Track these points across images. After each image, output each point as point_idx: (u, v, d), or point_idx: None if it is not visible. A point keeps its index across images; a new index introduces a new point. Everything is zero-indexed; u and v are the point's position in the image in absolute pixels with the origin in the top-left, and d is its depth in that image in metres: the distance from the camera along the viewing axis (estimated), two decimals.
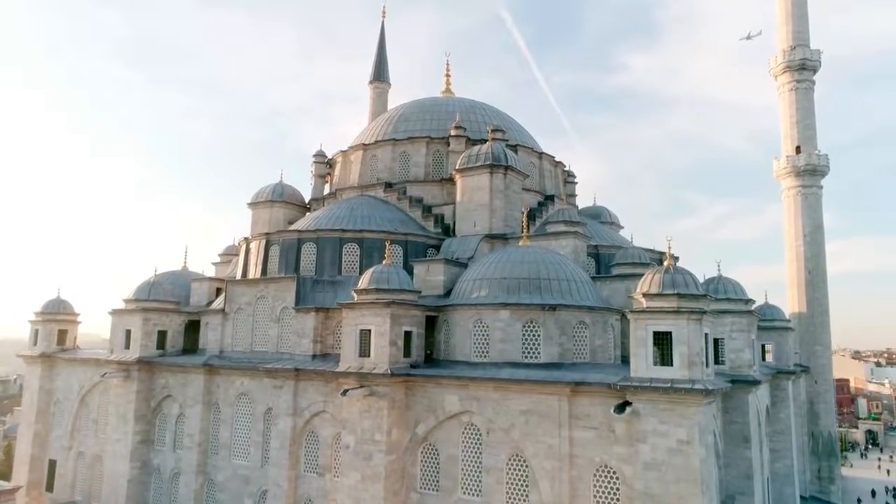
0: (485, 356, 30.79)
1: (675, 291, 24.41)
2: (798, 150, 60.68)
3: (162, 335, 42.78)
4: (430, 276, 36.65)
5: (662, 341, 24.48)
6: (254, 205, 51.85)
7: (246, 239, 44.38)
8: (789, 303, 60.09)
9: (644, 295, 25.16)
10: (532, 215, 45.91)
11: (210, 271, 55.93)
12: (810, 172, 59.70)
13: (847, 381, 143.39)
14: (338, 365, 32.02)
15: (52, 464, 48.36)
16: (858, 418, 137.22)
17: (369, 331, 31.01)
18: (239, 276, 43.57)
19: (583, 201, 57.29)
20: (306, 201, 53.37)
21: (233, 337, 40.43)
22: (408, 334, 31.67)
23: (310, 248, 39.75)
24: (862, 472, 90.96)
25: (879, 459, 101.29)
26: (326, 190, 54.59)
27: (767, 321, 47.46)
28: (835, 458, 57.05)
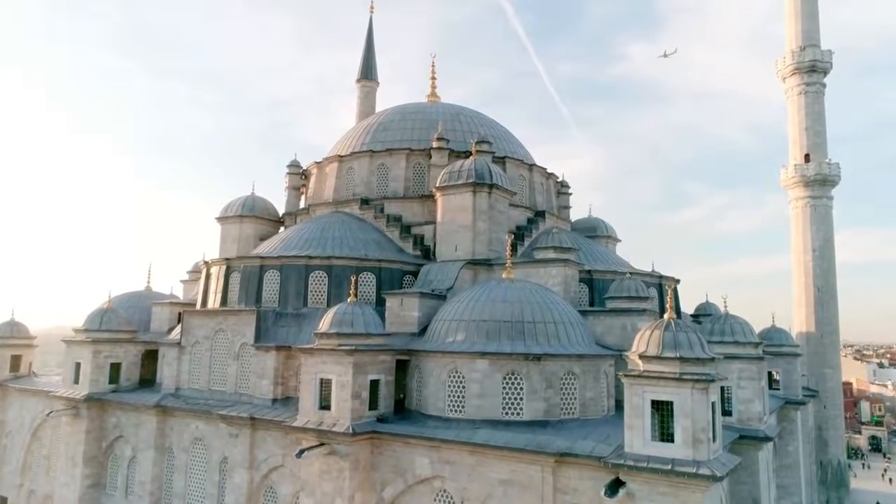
0: (460, 411, 27.10)
1: (678, 354, 20.70)
2: (807, 158, 56.84)
3: (115, 368, 39.13)
4: (405, 310, 32.93)
5: (662, 411, 20.83)
6: (222, 219, 48.18)
7: (206, 263, 40.59)
8: (796, 322, 56.51)
9: (641, 357, 21.45)
10: (521, 235, 42.23)
11: (178, 290, 52.29)
12: (820, 183, 55.89)
13: (850, 383, 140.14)
14: (298, 414, 28.40)
15: (3, 501, 44.87)
16: (861, 423, 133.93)
17: (330, 380, 27.37)
18: (199, 304, 39.82)
19: (577, 212, 53.57)
20: (280, 214, 49.64)
21: (190, 373, 36.73)
22: (374, 383, 28.00)
23: (273, 277, 35.97)
24: (866, 482, 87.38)
25: (886, 471, 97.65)
26: (303, 203, 50.79)
27: (775, 346, 44.09)
28: (844, 488, 53.66)
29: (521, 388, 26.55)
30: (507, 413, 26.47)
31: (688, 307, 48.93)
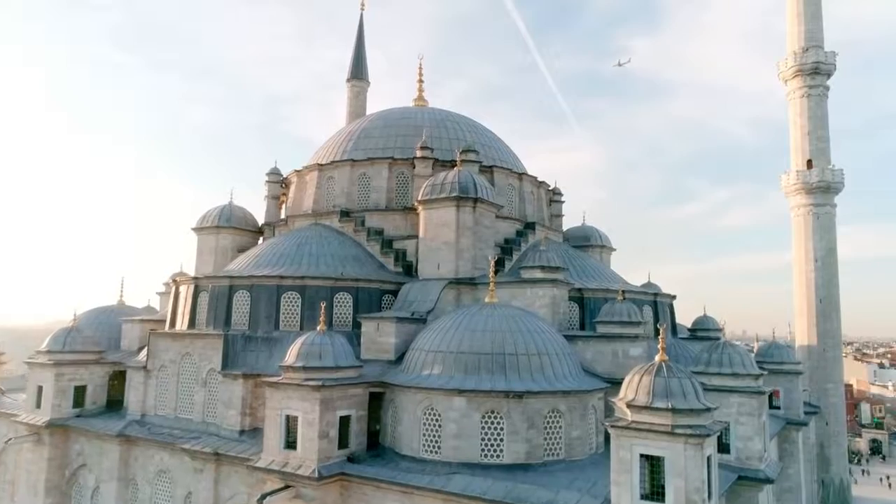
0: (436, 452, 25.02)
1: (670, 405, 18.62)
2: (809, 164, 54.66)
3: (80, 391, 37.10)
4: (381, 336, 30.84)
5: (653, 465, 18.78)
6: (199, 230, 45.92)
7: (175, 281, 38.46)
8: (798, 333, 54.49)
9: (629, 405, 19.37)
10: (509, 249, 40.09)
11: (155, 302, 50.17)
12: (823, 190, 53.72)
13: (850, 385, 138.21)
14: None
15: None
16: (862, 425, 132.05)
17: (297, 417, 25.30)
18: (167, 324, 37.70)
19: (571, 220, 51.46)
20: (261, 224, 47.43)
21: (156, 399, 34.66)
22: (345, 420, 25.93)
23: (243, 298, 33.82)
24: (867, 489, 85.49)
25: (888, 478, 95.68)
26: (284, 212, 48.58)
27: (775, 363, 42.06)
28: None
29: (502, 429, 24.47)
30: (485, 455, 24.40)
31: (687, 309, 46.98)
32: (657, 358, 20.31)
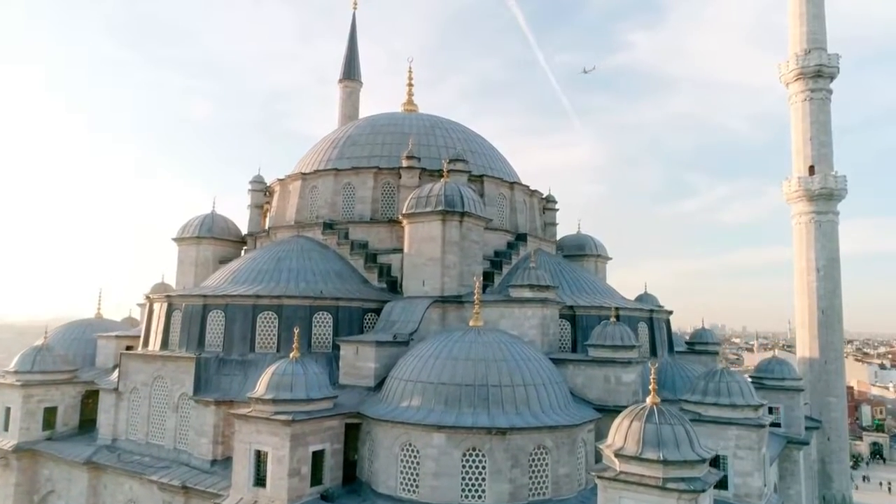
0: (414, 492, 23.43)
1: (661, 456, 17.02)
2: (812, 170, 52.91)
3: (51, 412, 35.64)
4: (360, 360, 29.26)
5: None
6: (179, 240, 44.31)
7: (148, 298, 36.85)
8: (799, 345, 52.88)
9: (617, 454, 17.77)
10: (498, 263, 38.49)
11: (137, 313, 48.54)
12: (826, 197, 51.97)
13: (851, 386, 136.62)
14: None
15: None
16: (862, 428, 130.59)
17: (267, 453, 23.75)
18: (141, 343, 36.08)
19: (566, 228, 49.89)
20: (244, 234, 45.77)
21: (128, 422, 33.13)
22: (318, 455, 24.40)
23: (217, 318, 32.17)
24: (867, 496, 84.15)
25: (889, 485, 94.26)
26: (268, 223, 46.88)
27: (776, 380, 40.69)
28: None
29: (484, 468, 22.91)
30: (466, 496, 22.83)
31: (687, 308, 45.45)
32: (648, 401, 18.72)
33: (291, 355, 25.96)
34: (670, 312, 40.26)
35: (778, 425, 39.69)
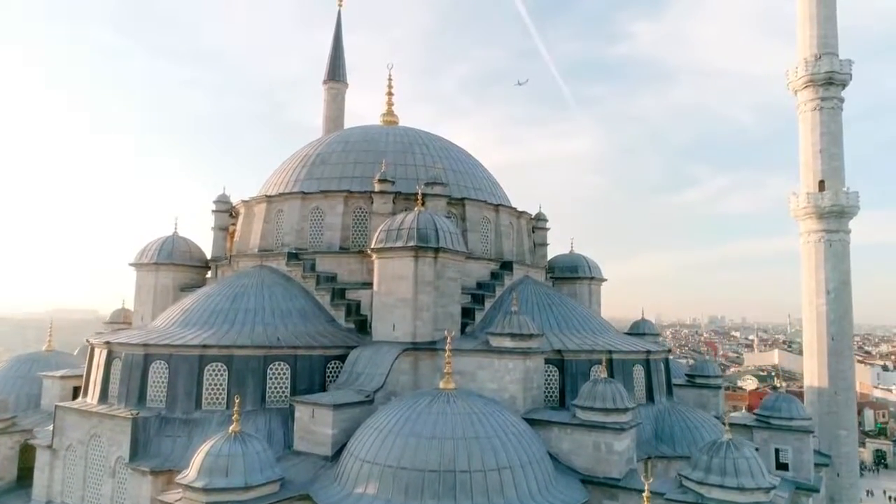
0: None
1: None
2: (821, 185, 49.29)
3: None
4: (316, 424, 25.77)
5: None
6: (137, 265, 40.85)
7: (89, 342, 33.30)
8: (807, 374, 49.48)
9: None
10: (480, 297, 35.05)
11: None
12: (836, 215, 48.37)
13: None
14: None
15: None
16: (866, 433, 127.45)
17: None
18: (81, 393, 32.56)
19: (557, 248, 46.40)
20: (208, 258, 42.17)
21: (63, 484, 29.64)
22: None
23: (160, 369, 28.65)
24: None
25: (893, 499, 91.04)
26: (234, 248, 43.16)
27: (784, 419, 37.16)
28: None
29: None
30: None
31: (687, 304, 42.12)
32: None
33: (231, 428, 22.46)
34: (668, 350, 36.86)
35: (785, 466, 36.46)
